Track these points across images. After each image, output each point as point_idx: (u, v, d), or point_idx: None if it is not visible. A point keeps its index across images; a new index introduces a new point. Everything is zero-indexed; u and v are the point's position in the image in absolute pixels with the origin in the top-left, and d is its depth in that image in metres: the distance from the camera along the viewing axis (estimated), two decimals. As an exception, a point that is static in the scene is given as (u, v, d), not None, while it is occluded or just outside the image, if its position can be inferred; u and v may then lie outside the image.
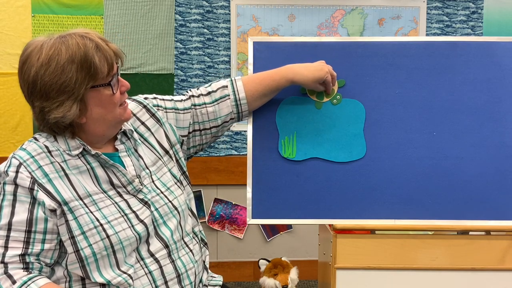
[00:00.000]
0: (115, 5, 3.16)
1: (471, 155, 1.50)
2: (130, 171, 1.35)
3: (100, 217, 1.25)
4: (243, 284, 3.34)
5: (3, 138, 3.17)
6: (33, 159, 1.25)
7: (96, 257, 1.23)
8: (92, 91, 1.25)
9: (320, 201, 1.50)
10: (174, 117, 1.47)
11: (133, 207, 1.31)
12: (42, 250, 1.22)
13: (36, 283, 1.19)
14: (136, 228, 1.28)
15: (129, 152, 1.38)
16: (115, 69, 1.28)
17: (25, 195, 1.22)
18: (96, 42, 1.25)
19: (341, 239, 1.63)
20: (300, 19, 3.26)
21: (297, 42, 1.56)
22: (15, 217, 1.21)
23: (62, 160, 1.27)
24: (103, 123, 1.29)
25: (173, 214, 1.37)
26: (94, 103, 1.26)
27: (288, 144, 1.52)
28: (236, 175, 3.29)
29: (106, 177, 1.31)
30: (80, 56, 1.21)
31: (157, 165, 1.42)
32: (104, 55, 1.24)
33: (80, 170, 1.28)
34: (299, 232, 3.39)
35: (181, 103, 1.48)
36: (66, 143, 1.29)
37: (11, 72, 3.14)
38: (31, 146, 1.27)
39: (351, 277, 1.63)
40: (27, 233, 1.21)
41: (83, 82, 1.22)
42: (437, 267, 1.61)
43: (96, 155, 1.30)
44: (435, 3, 3.30)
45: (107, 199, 1.29)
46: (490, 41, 1.54)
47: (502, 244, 1.61)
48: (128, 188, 1.33)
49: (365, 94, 1.52)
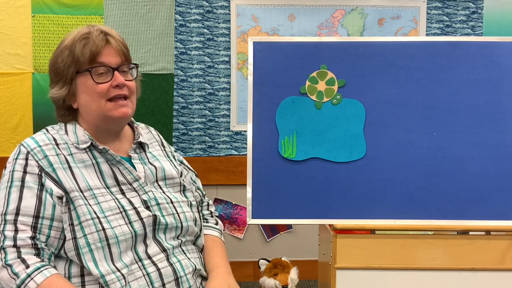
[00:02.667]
0: (115, 5, 3.16)
1: (471, 155, 1.50)
2: (140, 172, 1.37)
3: (98, 211, 1.26)
4: (243, 284, 3.34)
5: (3, 138, 3.17)
6: (40, 148, 1.29)
7: (91, 247, 1.24)
8: (79, 77, 1.32)
9: (320, 201, 1.50)
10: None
11: (135, 204, 1.32)
12: (48, 237, 1.24)
13: (49, 270, 1.21)
14: (134, 225, 1.29)
15: (143, 161, 1.41)
16: (108, 60, 1.32)
17: (34, 182, 1.25)
18: (90, 31, 1.31)
19: (341, 239, 1.63)
20: (300, 19, 3.26)
21: (297, 42, 1.56)
22: (23, 202, 1.23)
23: (68, 153, 1.31)
24: (90, 110, 1.34)
25: (176, 226, 1.37)
26: (81, 89, 1.32)
27: (288, 144, 1.52)
28: (236, 175, 3.29)
29: (111, 173, 1.33)
30: (71, 43, 1.31)
31: (174, 181, 1.45)
32: (90, 44, 1.30)
33: (86, 164, 1.31)
34: (299, 232, 3.39)
35: (192, 191, 1.53)
36: (75, 136, 1.33)
37: (11, 72, 3.14)
38: (40, 137, 1.33)
39: (351, 277, 1.63)
40: (35, 218, 1.23)
41: (70, 66, 1.31)
42: (437, 267, 1.61)
43: (103, 150, 1.33)
44: (435, 3, 3.30)
45: (108, 194, 1.30)
46: (490, 41, 1.54)
47: (502, 244, 1.61)
48: (134, 185, 1.34)
49: (365, 94, 1.52)
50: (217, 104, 3.30)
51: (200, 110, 3.29)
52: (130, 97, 1.36)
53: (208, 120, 3.30)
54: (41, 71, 3.15)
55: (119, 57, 1.34)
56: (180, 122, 3.28)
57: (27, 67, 3.15)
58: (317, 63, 1.53)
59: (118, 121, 1.36)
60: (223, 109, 3.30)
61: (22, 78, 3.15)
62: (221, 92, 3.29)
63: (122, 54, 1.35)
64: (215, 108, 3.30)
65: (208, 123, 3.30)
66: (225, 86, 3.29)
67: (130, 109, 1.36)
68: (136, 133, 1.47)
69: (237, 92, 3.29)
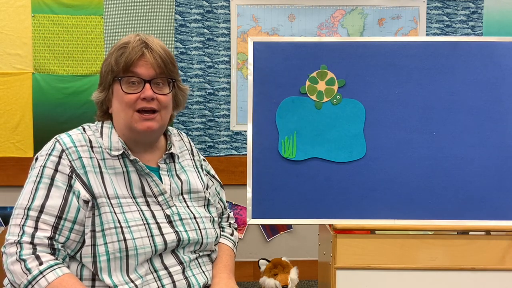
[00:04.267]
0: (115, 5, 3.16)
1: (471, 155, 1.50)
2: (166, 186, 1.36)
3: (122, 220, 1.26)
4: (243, 284, 3.34)
5: (3, 138, 3.17)
6: (75, 148, 1.29)
7: (109, 257, 1.23)
8: (114, 84, 1.33)
9: (320, 201, 1.50)
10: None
11: (158, 219, 1.31)
12: (67, 239, 1.24)
13: (61, 269, 1.20)
14: (155, 239, 1.28)
15: (170, 174, 1.40)
16: (140, 71, 1.31)
17: (62, 182, 1.25)
18: (130, 41, 1.33)
19: (341, 239, 1.63)
20: (300, 19, 3.26)
21: (297, 42, 1.56)
22: (49, 201, 1.23)
23: (101, 158, 1.31)
24: (119, 118, 1.34)
25: (197, 242, 1.37)
26: (115, 95, 1.34)
27: (288, 144, 1.52)
28: (236, 175, 3.29)
29: (139, 183, 1.32)
30: (114, 50, 1.34)
31: (199, 194, 1.44)
32: (127, 53, 1.30)
33: (116, 171, 1.31)
34: (299, 232, 3.39)
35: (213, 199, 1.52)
36: (110, 140, 1.33)
37: (11, 72, 3.14)
38: (76, 136, 1.32)
39: (351, 277, 1.63)
40: (57, 219, 1.23)
41: (108, 73, 1.33)
42: (437, 267, 1.61)
43: (134, 161, 1.33)
44: (435, 3, 3.30)
45: (134, 205, 1.30)
46: (490, 41, 1.54)
47: (502, 244, 1.61)
48: (159, 198, 1.34)
49: (365, 94, 1.52)
50: (217, 104, 3.30)
51: (200, 110, 3.29)
52: (160, 111, 1.33)
53: (208, 120, 3.30)
54: (41, 71, 3.15)
55: (153, 69, 1.31)
56: (180, 122, 3.28)
57: (27, 67, 3.15)
58: (317, 63, 1.53)
59: (142, 133, 1.33)
60: (223, 109, 3.30)
61: (22, 78, 3.15)
62: (221, 92, 3.29)
63: (157, 67, 1.32)
64: (215, 108, 3.30)
65: (208, 123, 3.30)
66: (225, 86, 3.29)
67: (157, 124, 1.33)
68: (169, 142, 1.44)
69: (237, 92, 3.29)
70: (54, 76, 3.14)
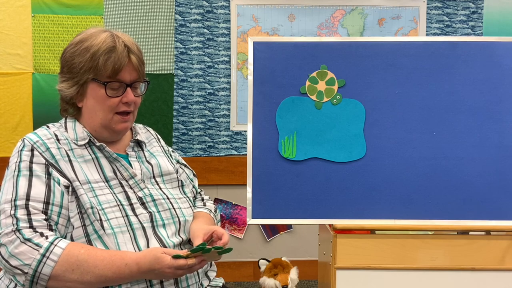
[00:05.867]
0: (115, 5, 3.16)
1: (471, 155, 1.50)
2: (136, 170, 1.39)
3: (96, 203, 1.28)
4: (243, 284, 3.34)
5: (3, 138, 3.17)
6: (42, 141, 1.31)
7: (99, 233, 1.26)
8: (93, 83, 1.34)
9: (320, 201, 1.50)
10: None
11: (131, 200, 1.34)
12: (57, 224, 1.25)
13: (64, 241, 1.22)
14: (130, 219, 1.31)
15: (140, 160, 1.44)
16: (124, 77, 1.34)
17: (41, 171, 1.27)
18: (116, 46, 1.33)
19: (341, 239, 1.63)
20: (300, 19, 3.26)
21: (297, 42, 1.56)
22: (32, 190, 1.24)
23: (69, 148, 1.33)
24: (94, 116, 1.36)
25: (173, 221, 1.38)
26: (91, 94, 1.35)
27: (288, 144, 1.52)
28: (236, 175, 3.29)
29: (111, 167, 1.36)
30: (94, 50, 1.32)
31: (171, 176, 1.47)
32: (115, 59, 1.32)
33: (85, 159, 1.34)
34: (299, 232, 3.39)
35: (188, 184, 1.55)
36: (74, 132, 1.36)
37: (11, 72, 3.14)
38: (41, 132, 1.36)
39: (351, 277, 1.63)
40: (45, 204, 1.24)
41: (87, 71, 1.33)
42: (437, 267, 1.61)
43: (101, 147, 1.36)
44: (435, 3, 3.30)
45: (106, 188, 1.32)
46: (490, 41, 1.53)
47: (502, 244, 1.61)
48: (130, 182, 1.37)
49: (365, 94, 1.52)
50: (217, 104, 3.30)
51: (200, 110, 3.29)
52: (133, 111, 1.42)
53: (208, 120, 3.30)
54: (41, 71, 3.15)
55: (135, 73, 1.38)
56: (180, 122, 3.28)
57: (27, 67, 3.15)
58: (317, 63, 1.53)
59: (118, 132, 1.41)
60: (223, 109, 3.30)
61: (22, 78, 3.15)
62: (221, 92, 3.29)
63: (137, 70, 1.38)
64: (215, 108, 3.30)
65: (208, 123, 3.30)
66: (225, 86, 3.29)
67: (131, 123, 1.43)
68: (134, 132, 1.51)
69: (237, 92, 3.29)
70: (54, 76, 3.14)
